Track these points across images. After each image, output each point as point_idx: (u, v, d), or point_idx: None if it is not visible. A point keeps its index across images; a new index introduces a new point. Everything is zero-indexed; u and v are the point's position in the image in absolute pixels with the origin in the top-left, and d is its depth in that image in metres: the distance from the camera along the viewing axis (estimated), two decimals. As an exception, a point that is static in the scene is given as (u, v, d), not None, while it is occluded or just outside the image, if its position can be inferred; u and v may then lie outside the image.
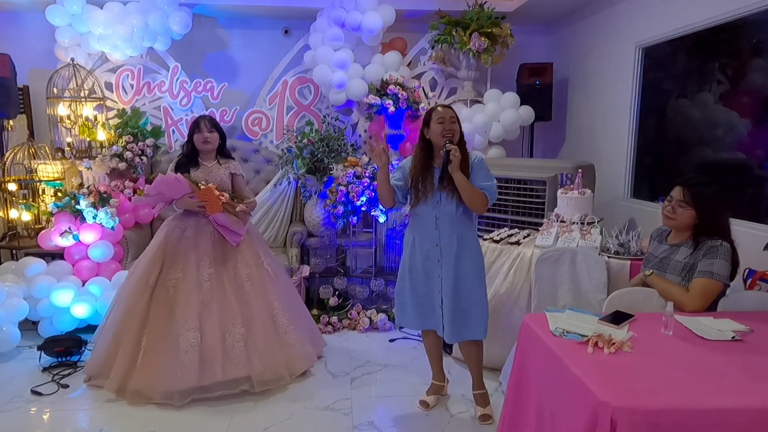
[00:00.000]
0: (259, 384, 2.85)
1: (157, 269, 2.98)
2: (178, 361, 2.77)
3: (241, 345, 2.86)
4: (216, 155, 3.19)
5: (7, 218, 4.24)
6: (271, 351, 2.94)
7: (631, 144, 3.96)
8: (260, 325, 2.97)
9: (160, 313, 2.91)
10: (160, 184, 2.95)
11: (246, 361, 2.84)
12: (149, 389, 2.77)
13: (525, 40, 5.01)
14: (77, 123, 4.34)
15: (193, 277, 2.95)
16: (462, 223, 2.58)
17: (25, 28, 4.62)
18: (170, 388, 2.75)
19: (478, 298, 2.60)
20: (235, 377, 2.81)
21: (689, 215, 2.25)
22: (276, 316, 3.06)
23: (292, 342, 3.06)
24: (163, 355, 2.81)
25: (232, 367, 2.81)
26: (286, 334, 3.05)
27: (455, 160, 2.43)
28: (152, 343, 2.85)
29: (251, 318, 2.97)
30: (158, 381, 2.77)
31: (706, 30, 3.21)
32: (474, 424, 2.66)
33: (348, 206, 3.94)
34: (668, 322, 1.88)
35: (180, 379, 2.74)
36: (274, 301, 3.08)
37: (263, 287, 3.08)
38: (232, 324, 2.90)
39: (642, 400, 1.41)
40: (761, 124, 2.94)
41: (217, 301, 2.93)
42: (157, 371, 2.79)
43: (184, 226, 3.06)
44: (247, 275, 3.06)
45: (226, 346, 2.84)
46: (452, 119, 2.52)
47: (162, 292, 2.95)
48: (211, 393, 2.81)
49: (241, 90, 4.89)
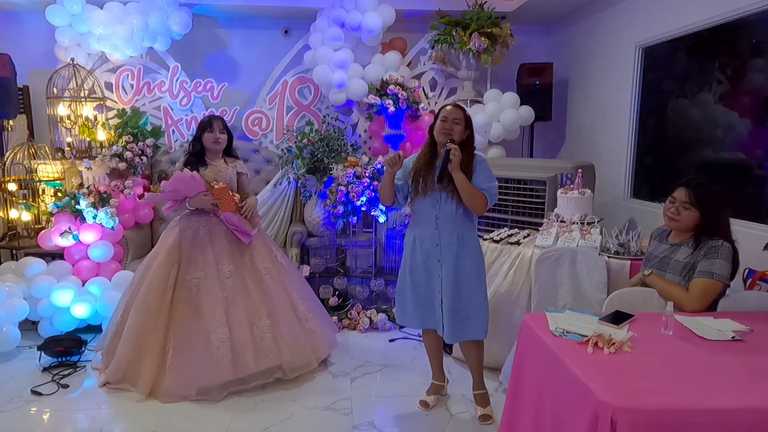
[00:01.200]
0: (291, 371, 2.98)
1: (174, 270, 3.01)
2: (211, 357, 2.83)
3: (269, 336, 2.96)
4: (222, 155, 3.22)
5: (7, 218, 4.24)
6: (297, 339, 3.06)
7: (631, 144, 3.96)
8: (283, 316, 3.08)
9: (184, 313, 2.95)
10: (176, 181, 2.96)
11: (276, 351, 2.95)
12: (184, 388, 2.82)
13: (525, 40, 5.01)
14: (77, 123, 4.34)
15: (214, 275, 3.00)
16: (462, 223, 2.58)
17: (25, 28, 4.62)
18: (207, 384, 2.81)
19: (478, 298, 2.60)
20: (268, 367, 2.92)
21: (694, 216, 2.24)
22: (296, 305, 3.18)
23: (314, 328, 3.19)
24: (194, 353, 2.86)
25: (264, 358, 2.91)
26: (308, 322, 3.18)
27: (454, 159, 2.43)
28: (180, 342, 2.89)
29: (274, 309, 3.06)
30: (192, 378, 2.82)
31: (706, 30, 3.21)
32: (474, 424, 2.66)
33: (348, 206, 3.94)
34: (668, 322, 1.88)
35: (216, 375, 2.82)
36: (292, 291, 3.21)
37: (281, 279, 3.19)
38: (258, 317, 2.99)
39: (642, 400, 1.41)
40: (761, 124, 2.94)
41: (241, 296, 3.01)
42: (191, 369, 2.84)
43: (197, 226, 3.08)
44: (266, 269, 3.15)
45: (255, 338, 2.94)
46: (455, 120, 2.52)
47: (183, 291, 2.98)
48: (247, 384, 2.90)
49: (241, 90, 4.89)
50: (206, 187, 3.01)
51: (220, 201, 3.02)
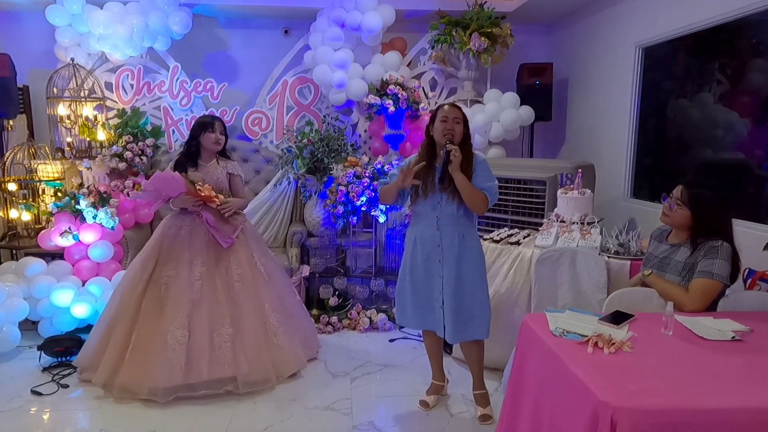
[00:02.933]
0: (245, 385, 2.85)
1: (151, 266, 3.01)
2: (165, 358, 2.79)
3: (228, 345, 2.87)
4: (215, 155, 3.21)
5: (7, 218, 4.24)
6: (258, 352, 2.94)
7: (631, 144, 3.96)
8: (249, 326, 2.97)
9: (150, 310, 2.93)
10: (156, 180, 2.97)
11: (232, 362, 2.85)
12: (135, 385, 2.79)
13: (525, 40, 5.01)
14: (77, 123, 4.34)
15: (185, 275, 2.97)
16: (463, 223, 2.58)
17: (25, 28, 4.62)
18: (156, 384, 2.76)
19: (480, 298, 2.60)
20: (221, 377, 2.83)
21: (684, 215, 2.25)
22: (266, 317, 3.06)
23: (282, 344, 3.05)
24: (151, 351, 2.83)
25: (218, 367, 2.82)
26: (276, 336, 3.05)
27: (455, 160, 2.43)
28: (141, 339, 2.87)
29: (240, 318, 2.97)
30: (145, 377, 2.78)
31: (706, 30, 3.21)
32: (474, 424, 2.66)
33: (348, 206, 3.94)
34: (668, 322, 1.87)
35: (166, 377, 2.76)
36: (265, 302, 3.08)
37: (255, 288, 3.08)
38: (221, 324, 2.91)
39: (642, 400, 1.41)
40: (761, 124, 2.94)
41: (207, 300, 2.94)
42: (144, 367, 2.81)
43: (180, 225, 3.08)
44: (239, 275, 3.06)
45: (214, 345, 2.86)
46: (456, 119, 2.52)
47: (154, 288, 2.97)
48: (195, 392, 2.82)
49: (241, 90, 4.89)
50: (189, 187, 2.99)
51: (202, 201, 3.01)
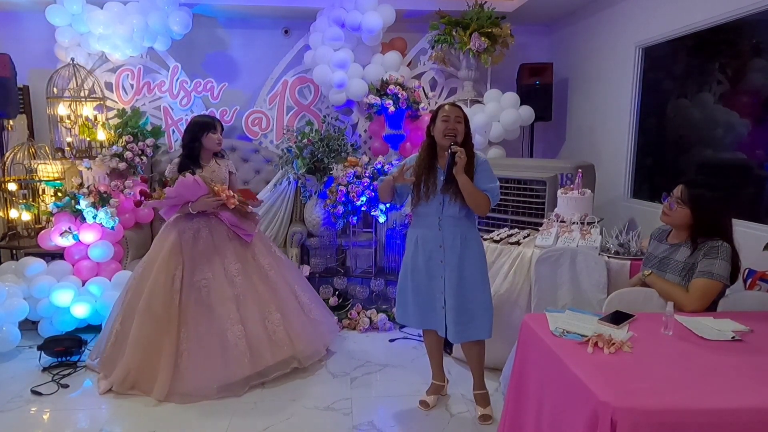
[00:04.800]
0: (305, 359, 3.13)
1: (179, 273, 3.00)
2: (229, 354, 2.89)
3: (281, 329, 3.06)
4: (213, 155, 3.23)
5: (7, 218, 4.24)
6: (306, 329, 3.19)
7: (631, 144, 3.96)
8: (291, 308, 3.19)
9: (195, 315, 2.96)
10: (180, 186, 2.96)
11: (289, 342, 3.06)
12: (201, 388, 2.85)
13: (525, 40, 5.01)
14: (77, 123, 4.34)
15: (221, 275, 3.04)
16: (465, 224, 2.58)
17: (25, 28, 4.62)
18: (228, 380, 2.87)
19: (483, 298, 2.60)
20: (283, 358, 3.03)
21: (684, 214, 2.25)
22: (299, 297, 3.30)
23: (318, 318, 3.34)
24: (211, 353, 2.90)
25: (279, 350, 3.02)
26: (311, 312, 3.31)
27: (460, 162, 2.41)
28: (194, 344, 2.91)
29: (282, 303, 3.16)
30: (213, 377, 2.85)
31: (706, 30, 3.21)
32: (474, 424, 2.66)
33: (348, 206, 3.94)
34: (668, 322, 1.87)
35: (236, 370, 2.88)
36: (294, 284, 3.33)
37: (283, 274, 3.29)
38: (268, 311, 3.08)
39: (642, 400, 1.41)
40: (761, 124, 2.94)
41: (250, 293, 3.08)
42: (209, 368, 2.87)
43: (197, 227, 3.08)
44: (269, 264, 3.23)
45: (269, 332, 3.03)
46: (458, 119, 2.50)
47: (193, 293, 2.99)
48: (267, 377, 3.00)
49: (241, 90, 4.89)
50: (210, 190, 3.02)
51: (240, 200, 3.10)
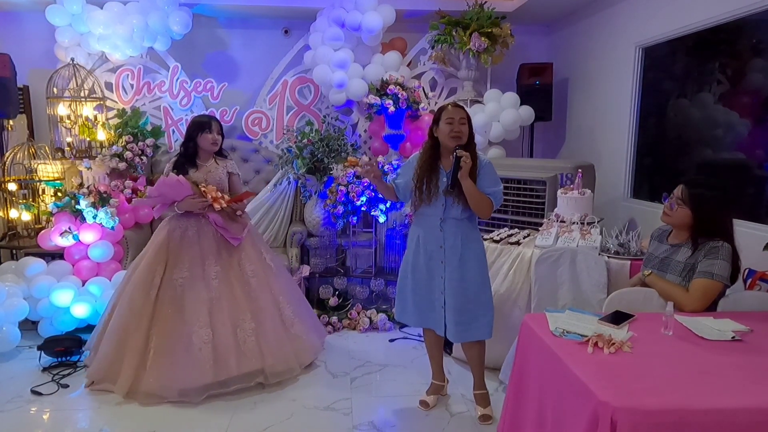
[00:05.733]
0: (272, 376, 2.94)
1: (161, 269, 2.99)
2: (192, 358, 2.81)
3: (252, 339, 2.93)
4: (213, 155, 3.20)
5: (7, 218, 4.24)
6: (281, 343, 3.03)
7: (631, 144, 3.96)
8: (268, 319, 3.05)
9: (167, 313, 2.92)
10: (162, 185, 2.96)
11: (258, 355, 2.92)
12: (164, 389, 2.79)
13: (525, 40, 5.01)
14: (77, 123, 4.34)
15: (199, 276, 2.98)
16: (466, 225, 2.58)
17: (25, 28, 4.62)
18: (186, 385, 2.78)
19: (484, 299, 2.60)
20: (249, 371, 2.89)
21: (685, 214, 2.25)
22: (282, 309, 3.14)
23: (299, 333, 3.16)
24: (176, 354, 2.83)
25: (246, 361, 2.88)
26: (293, 326, 3.14)
27: (465, 167, 2.41)
28: (162, 342, 2.87)
29: (259, 312, 3.03)
30: (173, 380, 2.79)
31: (706, 30, 3.21)
32: (474, 424, 2.66)
33: (348, 206, 3.94)
34: (668, 322, 1.88)
35: (196, 377, 2.79)
36: (278, 295, 3.17)
37: (268, 282, 3.15)
38: (242, 319, 2.96)
39: (642, 400, 1.41)
40: (761, 124, 2.94)
41: (226, 298, 2.98)
42: (171, 370, 2.81)
43: (185, 226, 3.07)
44: (252, 271, 3.12)
45: (238, 341, 2.91)
46: (462, 120, 2.49)
47: (168, 291, 2.97)
48: (227, 388, 2.86)
49: (241, 90, 4.89)
50: (193, 189, 3.00)
51: (229, 203, 3.05)
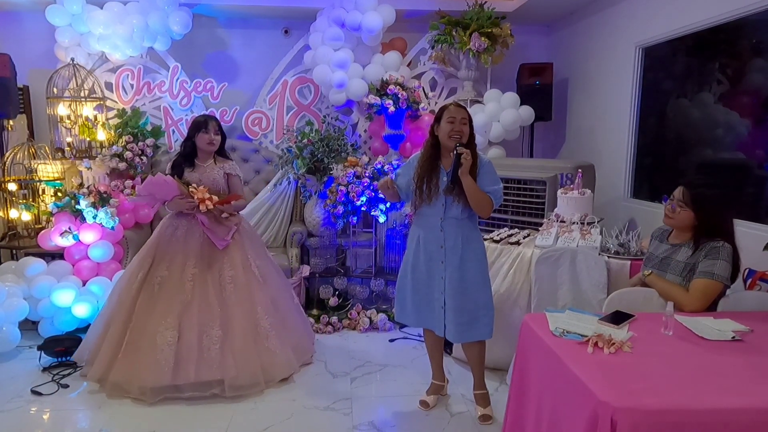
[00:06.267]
0: (231, 389, 2.81)
1: (147, 265, 3.03)
2: (154, 358, 2.80)
3: (217, 347, 2.85)
4: (213, 155, 3.19)
5: (7, 218, 4.24)
6: (247, 356, 2.90)
7: (631, 144, 3.96)
8: (239, 329, 2.93)
9: (143, 309, 2.95)
10: (149, 185, 2.98)
11: (220, 365, 2.82)
12: (127, 383, 2.81)
13: (525, 40, 5.01)
14: (77, 123, 4.34)
15: (177, 276, 2.98)
16: (467, 225, 2.58)
17: (25, 28, 4.62)
18: (145, 384, 2.77)
19: (484, 299, 2.60)
20: (208, 380, 2.81)
21: (687, 216, 2.25)
22: (258, 320, 3.01)
23: (273, 348, 3.00)
24: (141, 351, 2.84)
25: (206, 369, 2.81)
26: (267, 340, 3.00)
27: (466, 164, 2.42)
28: (134, 338, 2.89)
29: (230, 321, 2.94)
30: (135, 376, 2.80)
31: (706, 30, 3.21)
32: (474, 424, 2.66)
33: (348, 206, 3.94)
34: (668, 322, 1.88)
35: (154, 377, 2.77)
36: (257, 305, 3.04)
37: (248, 291, 3.05)
38: (211, 326, 2.89)
39: (642, 400, 1.41)
40: (761, 124, 2.94)
41: (198, 302, 2.93)
42: (135, 366, 2.82)
43: (176, 225, 3.10)
44: (231, 277, 3.03)
45: (202, 347, 2.85)
46: (463, 120, 2.50)
47: (148, 288, 2.99)
48: (182, 393, 2.81)
49: (241, 90, 4.89)
50: (182, 190, 3.00)
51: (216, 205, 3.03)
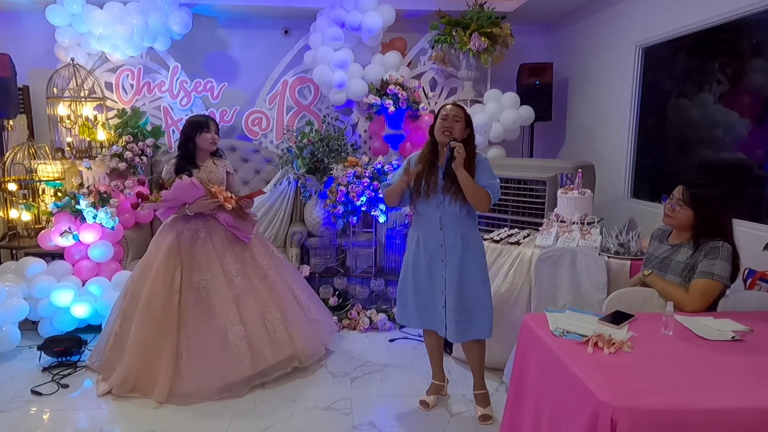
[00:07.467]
0: (305, 359, 3.13)
1: (178, 274, 3.00)
2: (230, 354, 2.89)
3: (281, 328, 3.07)
4: (209, 155, 3.21)
5: (7, 218, 4.24)
6: (305, 329, 3.20)
7: (631, 144, 3.96)
8: (290, 308, 3.20)
9: (194, 315, 2.95)
10: (177, 189, 2.95)
11: (289, 342, 3.06)
12: (205, 388, 2.84)
13: (525, 40, 5.01)
14: (77, 123, 4.34)
15: (220, 275, 3.04)
16: (466, 223, 2.58)
17: (25, 28, 4.62)
18: (229, 381, 2.87)
19: (483, 298, 2.60)
20: (284, 358, 3.03)
21: (687, 215, 2.25)
22: (297, 296, 3.31)
23: (317, 317, 3.36)
24: (211, 353, 2.89)
25: (280, 350, 3.02)
26: (310, 311, 3.33)
27: (459, 157, 2.43)
28: (194, 345, 2.90)
29: (281, 303, 3.16)
30: (213, 378, 2.85)
31: (706, 30, 3.21)
32: (474, 424, 2.66)
33: (348, 206, 3.94)
34: (668, 322, 1.87)
35: (237, 371, 2.88)
36: (292, 284, 3.33)
37: (281, 273, 3.29)
38: (268, 311, 3.08)
39: (642, 400, 1.41)
40: (761, 124, 2.94)
41: (250, 293, 3.08)
42: (208, 370, 2.86)
43: (195, 228, 3.08)
44: (267, 264, 3.23)
45: (269, 332, 3.03)
46: (455, 117, 2.52)
47: (191, 294, 2.99)
48: (268, 376, 3.00)
49: (241, 90, 4.89)
50: (207, 191, 3.01)
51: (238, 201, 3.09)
